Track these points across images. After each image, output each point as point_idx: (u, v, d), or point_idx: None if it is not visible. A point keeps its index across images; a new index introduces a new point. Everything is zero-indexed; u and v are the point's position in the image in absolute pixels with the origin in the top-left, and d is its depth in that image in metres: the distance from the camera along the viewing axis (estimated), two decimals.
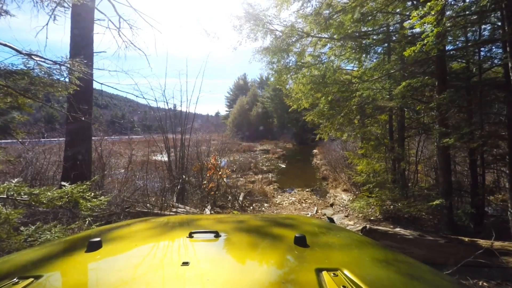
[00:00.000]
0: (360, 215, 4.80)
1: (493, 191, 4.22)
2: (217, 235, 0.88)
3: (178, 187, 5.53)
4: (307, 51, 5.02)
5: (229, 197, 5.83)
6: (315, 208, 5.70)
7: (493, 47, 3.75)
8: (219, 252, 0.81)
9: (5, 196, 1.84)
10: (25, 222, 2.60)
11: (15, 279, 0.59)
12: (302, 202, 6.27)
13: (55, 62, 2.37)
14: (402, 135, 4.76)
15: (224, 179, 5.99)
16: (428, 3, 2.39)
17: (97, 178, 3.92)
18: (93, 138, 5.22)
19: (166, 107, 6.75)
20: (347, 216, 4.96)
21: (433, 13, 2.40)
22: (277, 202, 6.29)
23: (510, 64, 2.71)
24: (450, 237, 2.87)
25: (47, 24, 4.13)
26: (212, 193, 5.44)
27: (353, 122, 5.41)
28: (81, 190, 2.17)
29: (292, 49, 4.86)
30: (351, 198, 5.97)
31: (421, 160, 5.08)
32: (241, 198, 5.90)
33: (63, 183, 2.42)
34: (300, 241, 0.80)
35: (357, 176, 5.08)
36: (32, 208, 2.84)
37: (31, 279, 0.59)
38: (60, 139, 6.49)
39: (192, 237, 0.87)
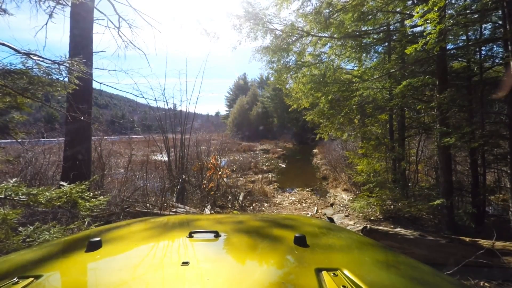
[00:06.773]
0: (361, 215, 4.79)
1: (494, 191, 4.21)
2: (217, 235, 0.88)
3: (178, 187, 5.52)
4: (307, 50, 5.02)
5: (229, 197, 5.82)
6: (315, 208, 5.70)
7: (494, 46, 3.75)
8: (219, 252, 0.81)
9: (3, 196, 1.83)
10: (24, 223, 2.59)
11: (15, 278, 0.59)
12: (302, 202, 6.26)
13: (54, 62, 2.35)
14: (403, 135, 4.75)
15: (224, 179, 5.99)
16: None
17: (96, 178, 3.91)
18: (92, 138, 5.21)
19: (166, 107, 6.75)
20: (347, 216, 4.95)
21: (436, 9, 2.40)
22: (277, 202, 6.28)
23: (511, 63, 2.70)
24: (451, 237, 2.86)
25: (46, 24, 4.11)
26: (212, 193, 5.43)
27: (353, 121, 5.40)
28: (80, 190, 2.16)
29: (292, 48, 4.86)
30: (351, 198, 5.96)
31: (421, 159, 5.07)
32: (241, 198, 5.89)
33: (61, 183, 2.41)
34: (300, 241, 0.80)
35: (357, 176, 5.06)
36: (30, 208, 2.84)
37: (31, 279, 0.59)
38: (60, 139, 6.47)
39: (192, 237, 0.86)
